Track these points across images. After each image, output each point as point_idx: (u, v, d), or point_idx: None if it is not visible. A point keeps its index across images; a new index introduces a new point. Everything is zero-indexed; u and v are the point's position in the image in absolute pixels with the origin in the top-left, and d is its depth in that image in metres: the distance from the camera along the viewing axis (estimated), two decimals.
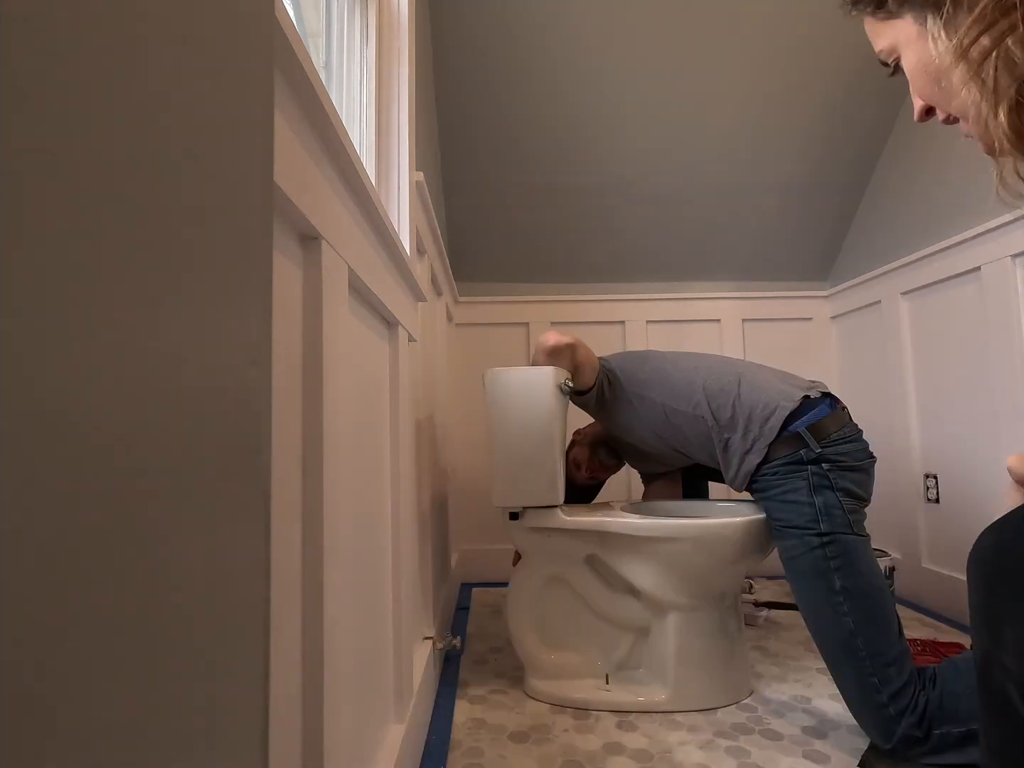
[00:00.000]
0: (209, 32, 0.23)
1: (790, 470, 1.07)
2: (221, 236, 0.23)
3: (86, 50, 0.16)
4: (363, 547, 0.70)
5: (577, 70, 1.70)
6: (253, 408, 0.26)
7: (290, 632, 0.46)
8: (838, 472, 1.05)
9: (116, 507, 0.17)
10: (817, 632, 1.02)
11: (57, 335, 0.15)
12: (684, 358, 1.31)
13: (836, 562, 1.00)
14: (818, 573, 1.01)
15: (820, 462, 1.05)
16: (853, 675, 0.96)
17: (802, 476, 1.06)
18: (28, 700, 0.14)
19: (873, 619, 0.97)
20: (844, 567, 0.99)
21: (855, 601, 0.97)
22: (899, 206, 1.85)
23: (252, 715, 0.25)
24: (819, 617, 1.01)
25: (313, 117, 0.48)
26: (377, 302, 0.76)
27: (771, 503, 1.10)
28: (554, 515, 1.18)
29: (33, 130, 0.14)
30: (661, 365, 1.30)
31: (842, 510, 1.02)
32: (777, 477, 1.09)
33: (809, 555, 1.02)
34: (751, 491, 1.18)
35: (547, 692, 1.18)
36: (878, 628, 0.96)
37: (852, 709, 0.98)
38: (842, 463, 1.05)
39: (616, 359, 1.37)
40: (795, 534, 1.04)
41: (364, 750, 0.68)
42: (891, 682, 0.92)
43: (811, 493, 1.04)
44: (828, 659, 1.01)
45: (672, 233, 2.06)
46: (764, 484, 1.12)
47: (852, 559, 1.00)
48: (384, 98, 1.07)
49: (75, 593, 0.15)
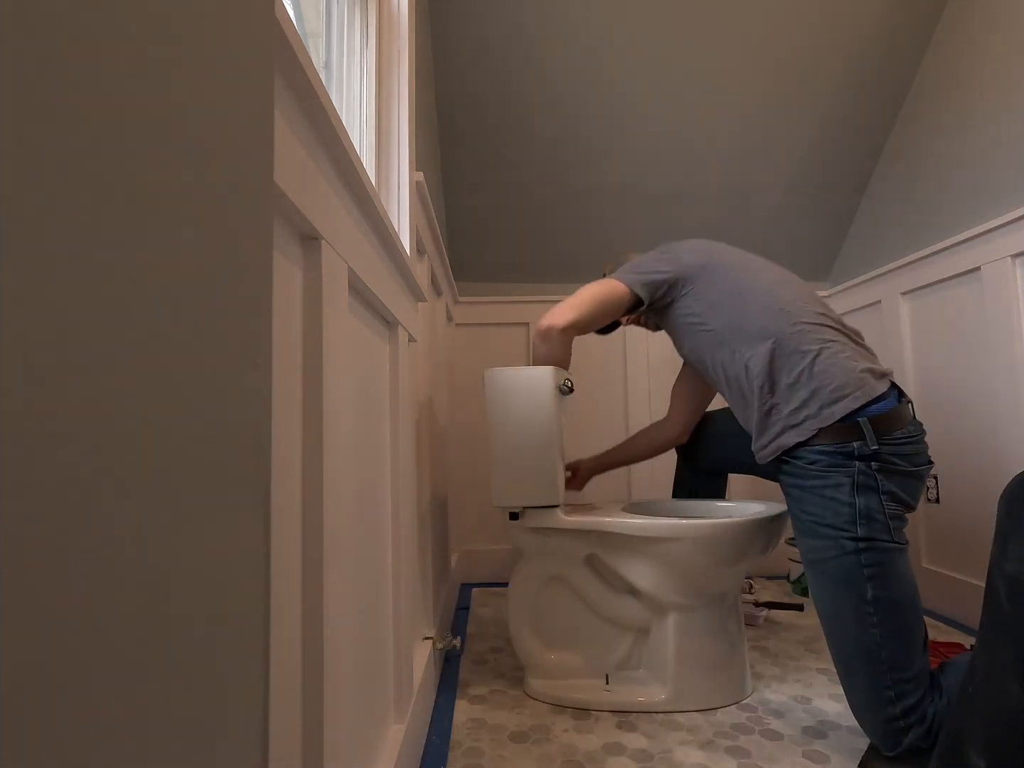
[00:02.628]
0: (209, 32, 0.23)
1: (835, 462, 0.95)
2: (221, 236, 0.23)
3: (85, 50, 0.16)
4: (363, 547, 0.70)
5: (577, 70, 1.70)
6: (253, 408, 0.26)
7: (290, 632, 0.46)
8: (887, 474, 0.93)
9: (116, 507, 0.17)
10: (835, 637, 0.95)
11: (57, 335, 0.15)
12: (768, 287, 1.09)
13: (871, 570, 0.91)
14: (849, 581, 0.92)
15: (871, 460, 0.93)
16: (868, 685, 0.90)
17: (847, 472, 0.94)
18: (28, 700, 0.14)
19: (901, 633, 0.90)
20: (879, 577, 0.90)
21: (886, 613, 0.90)
22: (899, 206, 1.85)
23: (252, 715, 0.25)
24: (841, 624, 0.93)
25: (313, 117, 0.48)
26: (377, 302, 0.76)
27: (805, 494, 0.98)
28: (554, 515, 1.18)
29: (32, 130, 0.14)
30: (738, 290, 1.10)
31: (884, 515, 0.92)
32: (817, 467, 0.97)
33: (841, 560, 0.92)
34: (779, 471, 1.05)
35: (547, 692, 1.18)
36: (905, 642, 0.89)
37: (857, 713, 0.94)
38: (896, 466, 0.94)
39: (688, 269, 1.15)
40: (827, 534, 0.94)
41: (364, 750, 0.68)
42: (907, 697, 0.88)
43: (853, 492, 0.93)
44: (841, 664, 0.94)
45: (672, 233, 2.06)
46: (800, 471, 0.99)
47: (888, 569, 0.91)
48: (384, 98, 1.07)
49: (73, 593, 0.15)
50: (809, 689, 1.21)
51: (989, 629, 0.73)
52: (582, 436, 2.08)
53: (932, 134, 1.72)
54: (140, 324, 0.18)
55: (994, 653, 0.70)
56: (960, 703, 0.74)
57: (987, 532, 1.52)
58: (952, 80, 1.65)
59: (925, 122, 1.74)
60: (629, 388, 2.09)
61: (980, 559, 1.54)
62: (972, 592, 1.53)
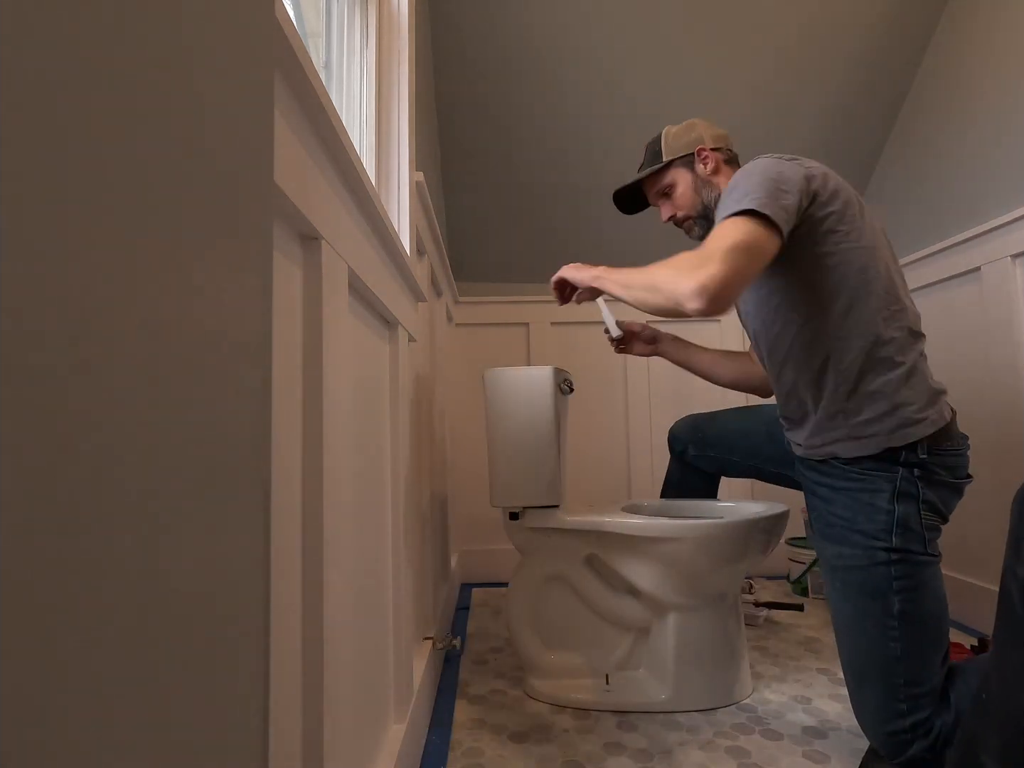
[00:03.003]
0: (209, 32, 0.23)
1: (878, 467, 0.90)
2: (221, 236, 0.23)
3: (85, 50, 0.16)
4: (363, 547, 0.70)
5: (577, 70, 1.70)
6: (253, 408, 0.26)
7: (290, 633, 0.46)
8: (929, 484, 0.89)
9: (116, 506, 0.17)
10: (850, 646, 0.91)
11: (57, 335, 0.15)
12: (888, 272, 0.94)
13: (900, 583, 0.86)
14: (877, 592, 0.87)
15: (914, 467, 0.89)
16: (879, 696, 0.87)
17: (888, 478, 0.89)
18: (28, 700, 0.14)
19: (923, 649, 0.86)
20: (908, 590, 0.86)
21: (910, 628, 0.85)
22: (899, 206, 1.85)
23: (252, 715, 0.25)
24: (860, 634, 0.89)
25: (313, 117, 0.48)
26: (377, 302, 0.76)
27: (836, 495, 0.93)
28: (554, 515, 1.18)
29: (32, 130, 0.14)
30: (862, 264, 0.92)
31: (921, 526, 0.88)
32: (858, 469, 0.91)
33: (871, 570, 0.88)
34: (804, 465, 0.99)
35: (547, 692, 1.18)
36: (925, 658, 0.86)
37: (863, 720, 0.90)
38: (938, 476, 0.89)
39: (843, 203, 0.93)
40: (858, 541, 0.89)
41: (364, 750, 0.68)
42: (919, 711, 0.85)
43: (893, 499, 0.88)
44: (853, 671, 0.90)
45: (672, 233, 2.06)
46: (835, 471, 0.94)
47: (919, 582, 0.86)
48: (384, 98, 1.07)
49: (74, 594, 0.15)
50: (809, 689, 1.21)
51: (1003, 635, 0.72)
52: (582, 436, 2.08)
53: (932, 134, 1.72)
54: (140, 324, 0.18)
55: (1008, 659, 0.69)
56: (975, 710, 0.73)
57: (990, 533, 1.52)
58: (952, 80, 1.65)
59: (925, 122, 1.74)
60: (629, 388, 2.09)
61: (984, 561, 1.54)
62: (969, 592, 1.53)
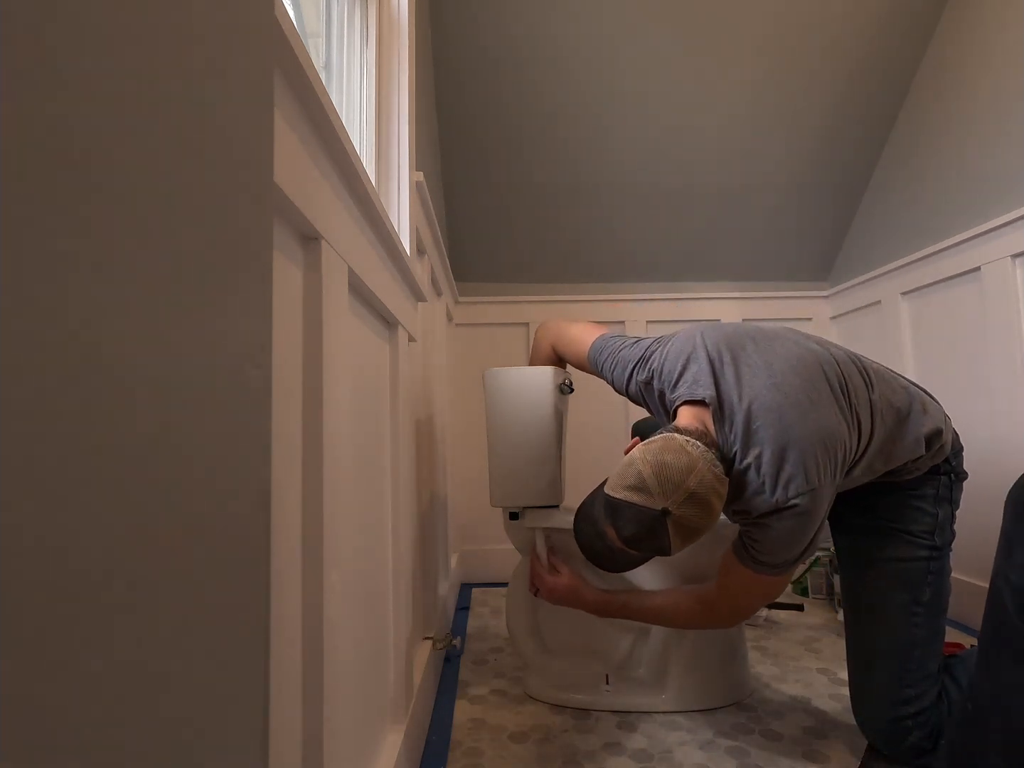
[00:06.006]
0: (209, 32, 0.23)
1: (925, 475, 0.99)
2: (221, 236, 0.23)
3: (86, 50, 0.16)
4: (363, 547, 0.70)
5: (577, 70, 1.70)
6: (253, 408, 0.26)
7: (290, 633, 0.46)
8: (955, 484, 0.99)
9: (115, 506, 0.17)
10: (867, 633, 0.97)
11: (57, 335, 0.15)
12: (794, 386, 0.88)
13: (933, 576, 0.95)
14: (913, 584, 0.95)
15: (947, 473, 0.99)
16: (889, 682, 0.92)
17: (932, 484, 0.98)
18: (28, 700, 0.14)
19: (937, 634, 0.94)
20: (936, 582, 0.95)
21: (931, 616, 0.94)
22: (899, 206, 1.85)
23: (252, 715, 0.25)
24: (886, 620, 0.95)
25: (313, 117, 0.48)
26: (377, 302, 0.76)
27: (880, 497, 1.00)
28: (554, 515, 1.18)
29: (32, 130, 0.14)
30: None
31: (951, 525, 0.98)
32: (913, 477, 0.99)
33: (912, 564, 0.95)
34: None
35: (547, 692, 1.18)
36: (936, 646, 0.94)
37: (863, 710, 0.95)
38: (959, 478, 1.00)
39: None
40: (904, 539, 0.97)
41: (364, 750, 0.68)
42: (923, 698, 0.90)
43: (936, 503, 0.97)
44: (862, 658, 0.96)
45: (672, 233, 2.06)
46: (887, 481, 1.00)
47: (944, 575, 0.96)
48: (384, 98, 1.07)
49: (74, 594, 0.15)
50: (809, 689, 1.21)
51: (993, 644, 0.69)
52: (582, 436, 2.08)
53: (932, 134, 1.72)
54: (140, 324, 0.18)
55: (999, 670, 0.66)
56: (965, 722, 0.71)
57: (984, 532, 1.52)
58: (952, 80, 1.65)
59: (926, 122, 1.74)
60: None
61: (977, 559, 1.54)
62: (964, 590, 1.53)
